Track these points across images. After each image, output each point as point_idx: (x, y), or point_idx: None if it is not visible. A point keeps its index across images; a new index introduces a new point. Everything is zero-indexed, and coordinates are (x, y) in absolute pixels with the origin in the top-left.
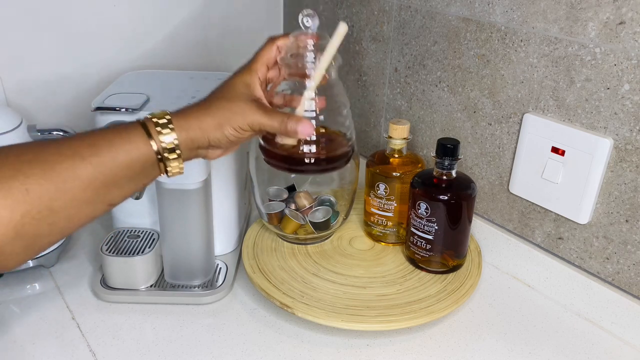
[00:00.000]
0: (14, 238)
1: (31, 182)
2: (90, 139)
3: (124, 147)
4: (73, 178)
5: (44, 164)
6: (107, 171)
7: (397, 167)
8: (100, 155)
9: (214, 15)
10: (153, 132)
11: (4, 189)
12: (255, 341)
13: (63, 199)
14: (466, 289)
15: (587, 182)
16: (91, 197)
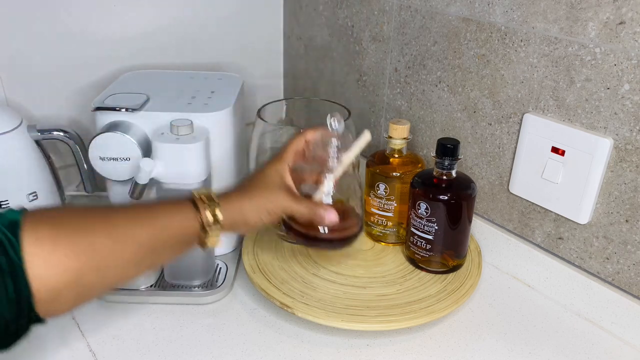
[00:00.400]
0: (72, 285)
1: (96, 237)
2: (148, 207)
3: (176, 217)
4: (131, 239)
5: (109, 223)
6: (158, 237)
7: (397, 167)
8: (155, 224)
9: (215, 15)
10: (201, 207)
11: (73, 240)
12: (255, 341)
13: (118, 257)
14: (466, 289)
15: (587, 182)
16: (140, 258)
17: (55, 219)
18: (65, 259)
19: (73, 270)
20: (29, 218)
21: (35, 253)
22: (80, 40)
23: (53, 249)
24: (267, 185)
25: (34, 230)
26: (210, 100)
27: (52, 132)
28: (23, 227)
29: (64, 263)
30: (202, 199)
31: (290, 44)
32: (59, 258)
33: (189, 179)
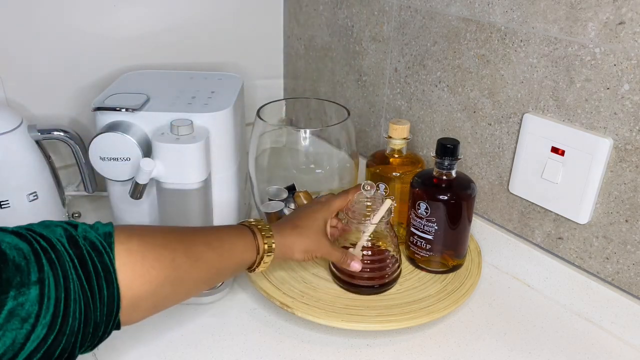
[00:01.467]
0: (151, 295)
1: (177, 254)
2: (217, 232)
3: (239, 244)
4: (203, 259)
5: (188, 244)
6: (224, 260)
7: (397, 167)
8: (224, 249)
9: (215, 15)
10: (259, 237)
11: (158, 254)
12: (255, 341)
13: (192, 274)
14: (466, 289)
15: (586, 182)
16: (207, 278)
17: (144, 235)
18: (151, 270)
19: (155, 282)
20: (121, 231)
21: (125, 262)
22: (80, 40)
23: (142, 261)
24: (316, 230)
25: (126, 242)
26: (210, 100)
27: (52, 132)
28: (116, 238)
29: (149, 274)
30: (260, 229)
31: (290, 44)
32: (146, 269)
33: (189, 179)
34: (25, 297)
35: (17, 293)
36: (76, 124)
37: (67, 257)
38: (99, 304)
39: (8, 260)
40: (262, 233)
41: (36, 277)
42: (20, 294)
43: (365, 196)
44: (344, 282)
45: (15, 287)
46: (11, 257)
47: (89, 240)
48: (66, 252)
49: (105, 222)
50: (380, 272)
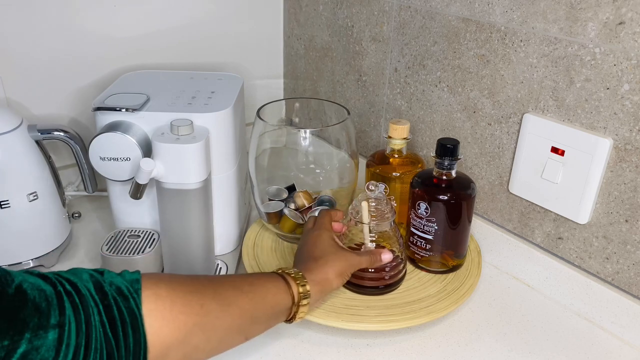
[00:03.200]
0: (181, 344)
1: (206, 299)
2: (249, 278)
3: (272, 290)
4: (235, 305)
5: (217, 288)
6: (258, 306)
7: (397, 167)
8: (255, 293)
9: (215, 15)
10: (292, 282)
11: (186, 299)
12: (255, 341)
13: (223, 321)
14: (466, 289)
15: (586, 182)
16: (240, 325)
17: (172, 281)
18: (180, 316)
19: (184, 328)
20: (148, 277)
21: (153, 308)
22: (80, 40)
23: (171, 306)
24: (334, 250)
25: (153, 287)
26: (210, 100)
27: (52, 132)
28: (144, 284)
29: (178, 320)
30: (292, 275)
31: (290, 44)
32: (175, 315)
33: (189, 179)
34: (41, 341)
35: (33, 336)
36: (76, 124)
37: (92, 302)
38: (124, 352)
39: (28, 300)
40: (295, 280)
41: (56, 320)
42: (37, 337)
43: (369, 196)
44: (349, 282)
45: (31, 330)
46: (32, 297)
47: (115, 285)
48: (91, 297)
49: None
50: (385, 273)
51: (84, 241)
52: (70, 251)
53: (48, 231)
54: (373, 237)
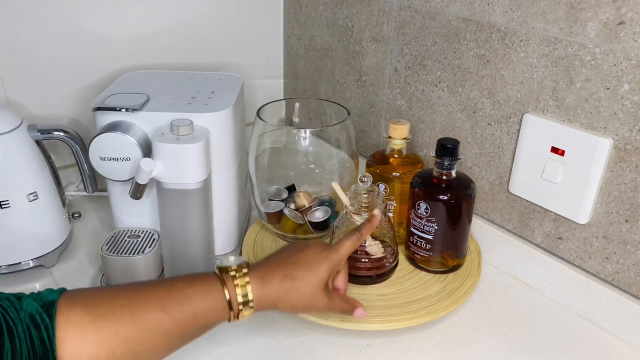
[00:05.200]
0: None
1: (122, 326)
2: (174, 290)
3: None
4: (157, 328)
5: (135, 310)
6: (186, 324)
7: (397, 167)
8: (182, 310)
9: (215, 15)
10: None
11: (97, 328)
12: (255, 341)
13: (145, 345)
14: (466, 289)
15: (586, 182)
16: (167, 345)
17: (87, 303)
18: (91, 346)
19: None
20: (65, 299)
21: (65, 338)
22: (80, 40)
23: (81, 336)
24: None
25: (67, 313)
26: (210, 101)
27: (52, 132)
28: (58, 308)
29: (89, 350)
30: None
31: (290, 44)
32: (86, 345)
33: (189, 179)
34: None
35: None
36: (76, 124)
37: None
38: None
39: None
40: (235, 286)
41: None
42: None
43: (362, 188)
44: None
45: None
46: None
47: (28, 313)
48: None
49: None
50: (378, 263)
51: (84, 241)
52: (70, 251)
53: (48, 231)
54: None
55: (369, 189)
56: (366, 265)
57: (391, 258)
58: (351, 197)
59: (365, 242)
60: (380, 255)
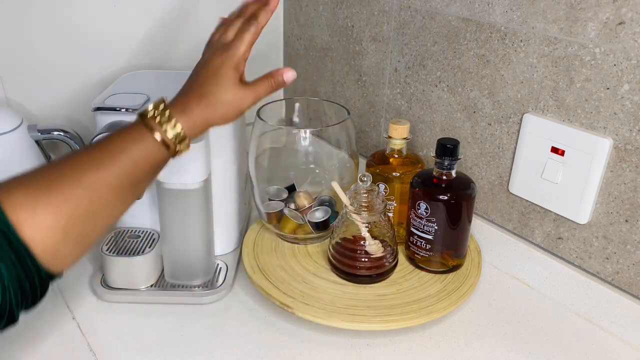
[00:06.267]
0: (64, 240)
1: (68, 191)
2: (109, 147)
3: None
4: (102, 186)
5: (74, 175)
6: (130, 174)
7: (397, 167)
8: (121, 164)
9: (215, 15)
10: (158, 131)
11: (45, 200)
12: (255, 341)
13: (98, 203)
14: (466, 289)
15: (586, 182)
16: (120, 197)
17: (27, 183)
18: (46, 218)
19: (58, 228)
20: (3, 188)
21: (18, 220)
22: (80, 40)
23: (33, 213)
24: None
25: (9, 198)
26: None
27: (52, 132)
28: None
29: (45, 223)
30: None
31: (290, 44)
32: (41, 219)
33: (189, 178)
34: None
35: None
36: (76, 124)
37: None
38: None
39: None
40: (162, 125)
41: None
42: None
43: (362, 188)
44: (343, 272)
45: None
46: None
47: None
48: None
49: None
50: (377, 262)
51: None
52: None
53: None
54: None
55: (369, 188)
56: (366, 265)
57: (390, 258)
58: (351, 196)
59: (365, 242)
60: (380, 255)
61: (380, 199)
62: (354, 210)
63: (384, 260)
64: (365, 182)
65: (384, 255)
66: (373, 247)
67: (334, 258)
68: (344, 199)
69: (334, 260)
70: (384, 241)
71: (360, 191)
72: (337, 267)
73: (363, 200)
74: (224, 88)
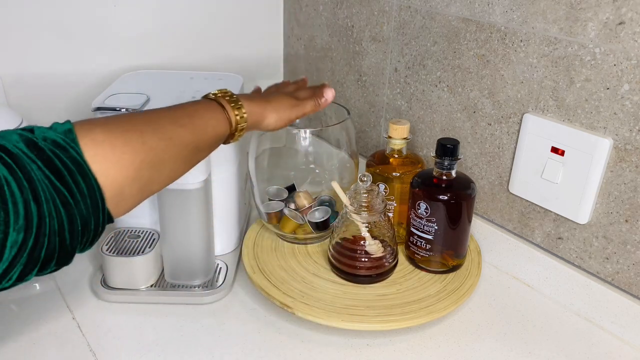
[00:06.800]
0: (134, 180)
1: (146, 136)
2: (187, 110)
3: (211, 120)
4: (176, 139)
5: (156, 124)
6: (199, 137)
7: (397, 167)
8: (195, 125)
9: (214, 15)
10: (229, 110)
11: (125, 139)
12: (255, 341)
13: (170, 153)
14: (466, 289)
15: (586, 182)
16: (187, 156)
17: (106, 124)
18: (123, 156)
19: (132, 167)
20: (81, 125)
21: (95, 154)
22: (80, 40)
23: (111, 149)
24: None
25: (90, 135)
26: None
27: None
28: (78, 133)
29: (123, 160)
30: (229, 101)
31: (290, 44)
32: (118, 156)
33: (189, 178)
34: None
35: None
36: None
37: (28, 160)
38: (80, 197)
39: None
40: (232, 105)
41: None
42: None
43: (362, 187)
44: (343, 272)
45: None
46: None
47: (49, 139)
48: (25, 155)
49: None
50: (377, 262)
51: None
52: None
53: None
54: (367, 227)
55: (369, 188)
56: (366, 265)
57: (390, 257)
58: (351, 196)
59: (365, 242)
60: (380, 255)
61: (380, 199)
62: (354, 210)
63: (384, 260)
64: (365, 182)
65: (384, 255)
66: (373, 247)
67: (334, 258)
68: (344, 199)
69: (334, 260)
70: (384, 241)
71: (360, 191)
72: (337, 267)
73: (363, 200)
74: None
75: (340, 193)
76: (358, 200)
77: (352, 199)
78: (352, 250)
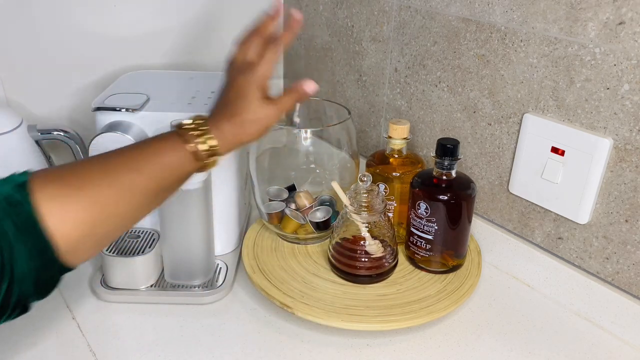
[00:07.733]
0: (88, 236)
1: (103, 191)
2: (143, 151)
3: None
4: (134, 187)
5: (113, 175)
6: (159, 179)
7: (397, 167)
8: (154, 168)
9: (214, 15)
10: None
11: (78, 196)
12: (255, 341)
13: (126, 204)
14: (466, 289)
15: (586, 182)
16: (147, 201)
17: (61, 178)
18: (75, 214)
19: (86, 224)
20: (36, 178)
21: (48, 211)
22: (80, 40)
23: (63, 207)
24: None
25: (43, 189)
26: (210, 101)
27: (52, 132)
28: (33, 186)
29: (75, 218)
30: (194, 134)
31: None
32: (70, 214)
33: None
34: None
35: None
36: (76, 124)
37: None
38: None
39: None
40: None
41: None
42: None
43: (362, 187)
44: (343, 272)
45: None
46: None
47: (3, 196)
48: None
49: None
50: (377, 262)
51: None
52: None
53: None
54: (367, 227)
55: (369, 188)
56: (365, 265)
57: (390, 258)
58: (351, 196)
59: (365, 242)
60: (380, 255)
61: (380, 199)
62: (354, 210)
63: (383, 260)
64: (365, 182)
65: (384, 255)
66: (373, 247)
67: (334, 258)
68: (344, 199)
69: (334, 260)
70: (384, 241)
71: (360, 191)
72: (337, 267)
73: (363, 200)
74: (251, 108)
75: (341, 193)
76: (358, 200)
77: (352, 199)
78: (352, 250)
